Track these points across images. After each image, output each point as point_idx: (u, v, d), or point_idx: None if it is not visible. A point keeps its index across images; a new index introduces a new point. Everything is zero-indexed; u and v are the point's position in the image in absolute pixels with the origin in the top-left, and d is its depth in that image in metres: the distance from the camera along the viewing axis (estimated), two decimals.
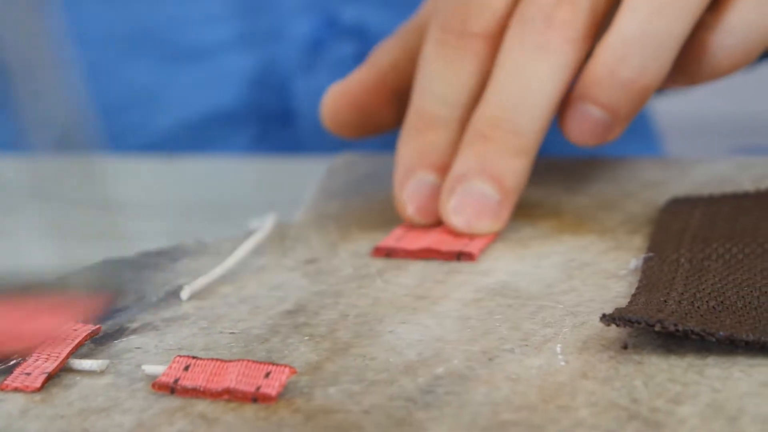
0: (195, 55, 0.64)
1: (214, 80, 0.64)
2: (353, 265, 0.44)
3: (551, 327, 0.39)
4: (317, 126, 0.65)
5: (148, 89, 0.64)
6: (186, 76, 0.64)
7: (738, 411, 0.33)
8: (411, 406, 0.34)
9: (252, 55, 0.64)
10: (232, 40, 0.64)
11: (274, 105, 0.64)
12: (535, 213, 0.48)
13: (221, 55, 0.64)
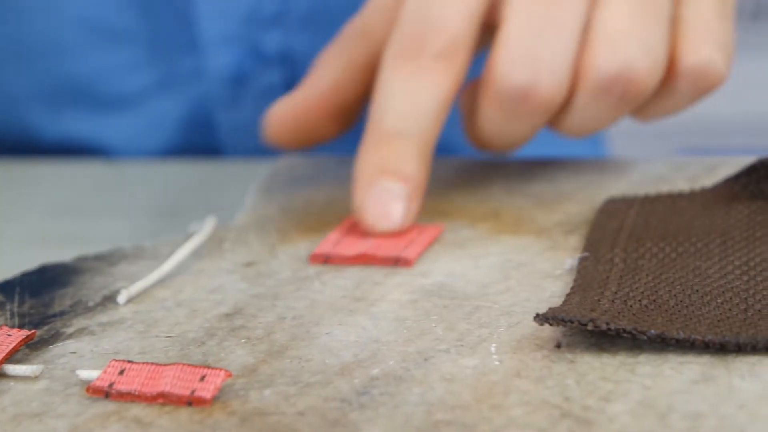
0: (121, 104, 0.63)
1: (144, 127, 0.64)
2: (291, 268, 0.44)
3: (486, 327, 0.39)
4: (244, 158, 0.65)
5: (79, 141, 0.64)
6: (115, 126, 0.64)
7: (668, 408, 0.34)
8: (346, 407, 0.35)
9: (177, 97, 0.63)
10: (156, 85, 0.63)
11: (202, 143, 0.64)
12: (474, 214, 0.49)
13: (148, 102, 0.63)
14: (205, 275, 0.44)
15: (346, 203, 0.51)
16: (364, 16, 0.51)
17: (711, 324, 0.37)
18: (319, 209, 0.50)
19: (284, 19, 0.63)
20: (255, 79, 0.63)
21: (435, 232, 0.46)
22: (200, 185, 0.56)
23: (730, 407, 0.34)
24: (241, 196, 0.52)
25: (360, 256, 0.43)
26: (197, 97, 0.64)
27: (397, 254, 0.43)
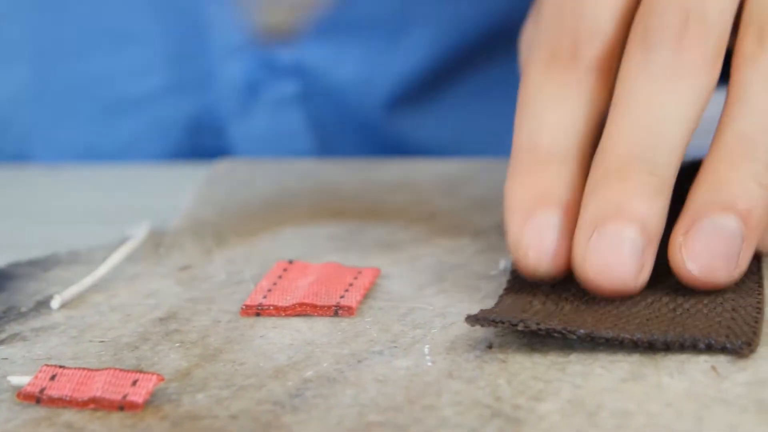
0: (129, 108, 0.63)
1: (151, 131, 0.63)
2: (227, 272, 0.44)
3: (420, 328, 0.39)
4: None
5: (86, 145, 0.63)
6: (122, 129, 0.63)
7: (597, 406, 0.34)
8: (278, 410, 0.35)
9: (186, 102, 0.63)
10: (165, 90, 0.62)
11: (211, 150, 0.63)
12: (410, 216, 0.49)
13: (156, 105, 0.63)
14: (140, 280, 0.44)
15: (284, 206, 0.51)
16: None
17: (640, 323, 0.37)
18: (256, 212, 0.50)
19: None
20: (267, 89, 0.62)
21: (372, 275, 0.43)
22: (138, 189, 0.56)
23: (657, 405, 0.34)
24: (179, 200, 0.52)
25: (296, 306, 0.41)
26: (207, 104, 0.63)
27: (336, 302, 0.41)
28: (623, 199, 0.38)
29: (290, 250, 0.46)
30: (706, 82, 0.39)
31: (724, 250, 0.38)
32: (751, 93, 0.39)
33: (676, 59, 0.39)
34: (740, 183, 0.38)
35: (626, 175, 0.38)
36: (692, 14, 0.39)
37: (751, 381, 0.35)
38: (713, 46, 0.40)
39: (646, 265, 0.38)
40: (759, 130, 0.39)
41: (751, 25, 0.40)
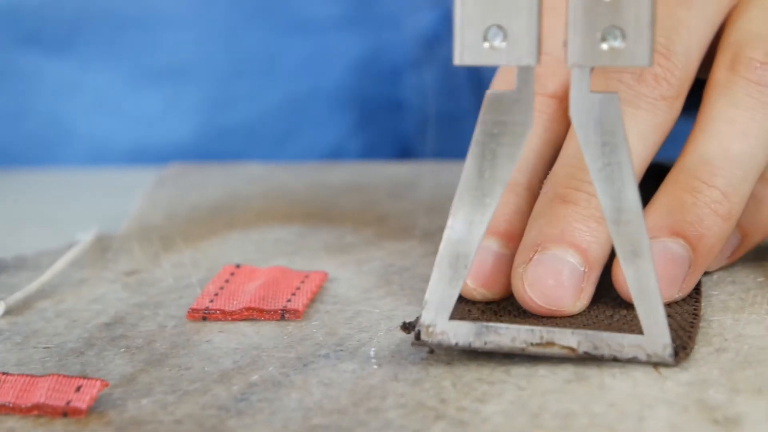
0: (306, 30, 0.61)
1: (322, 57, 0.62)
2: (174, 276, 0.44)
3: (367, 331, 0.39)
4: (423, 119, 0.62)
5: (260, 59, 0.62)
6: (296, 50, 0.61)
7: (540, 407, 0.34)
8: (223, 415, 0.35)
9: (363, 38, 0.61)
10: (345, 20, 0.61)
11: (380, 93, 0.62)
12: (359, 219, 0.49)
13: (331, 34, 0.61)
14: (86, 285, 0.43)
15: (233, 210, 0.51)
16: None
17: (575, 324, 0.37)
18: (205, 217, 0.50)
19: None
20: (445, 43, 0.61)
21: (319, 279, 0.43)
22: (87, 194, 0.56)
23: (600, 405, 0.34)
24: (129, 204, 0.52)
25: (243, 311, 0.41)
26: (384, 46, 0.61)
27: (283, 306, 0.41)
28: (566, 223, 0.38)
29: (238, 254, 0.46)
30: (662, 118, 0.39)
31: (669, 272, 0.38)
32: (719, 119, 0.40)
33: (634, 92, 0.39)
34: (696, 209, 0.39)
35: (571, 200, 0.38)
36: (659, 49, 0.40)
37: (693, 381, 0.35)
38: (675, 83, 0.40)
39: (585, 290, 0.38)
40: (722, 157, 0.39)
41: (725, 51, 0.41)
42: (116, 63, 0.61)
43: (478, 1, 0.34)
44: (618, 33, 0.34)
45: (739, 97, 0.39)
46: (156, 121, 0.61)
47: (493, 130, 0.36)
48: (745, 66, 0.40)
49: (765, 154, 0.40)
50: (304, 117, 0.62)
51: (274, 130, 0.62)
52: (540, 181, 0.40)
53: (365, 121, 0.62)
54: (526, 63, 0.35)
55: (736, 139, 0.39)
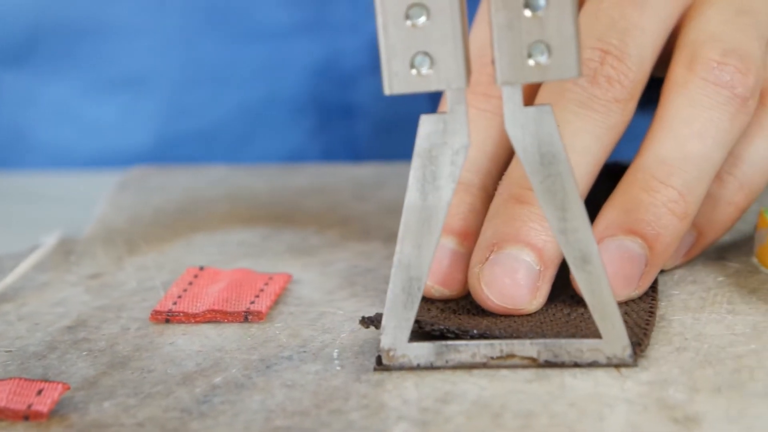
0: (262, 36, 0.61)
1: (278, 63, 0.61)
2: (138, 279, 0.44)
3: (330, 333, 0.39)
4: (377, 125, 0.62)
5: (216, 66, 0.61)
6: (252, 57, 0.61)
7: (501, 407, 0.35)
8: (186, 417, 0.35)
9: (319, 44, 0.61)
10: (301, 26, 0.61)
11: (337, 98, 0.62)
12: (323, 221, 0.49)
13: (288, 40, 0.61)
14: (49, 288, 0.43)
15: (197, 213, 0.51)
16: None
17: (534, 326, 0.38)
18: (169, 219, 0.50)
19: None
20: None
21: (283, 281, 0.43)
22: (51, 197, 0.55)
23: (561, 405, 0.34)
24: (93, 208, 0.52)
25: (206, 313, 0.41)
26: (340, 51, 0.61)
27: (246, 308, 0.41)
28: (522, 223, 0.38)
29: (202, 257, 0.46)
30: (616, 120, 0.40)
31: (625, 270, 0.38)
32: (676, 119, 0.40)
33: (588, 94, 0.39)
34: (653, 208, 0.39)
35: (526, 200, 0.39)
36: (612, 51, 0.40)
37: (653, 380, 0.35)
38: (628, 85, 0.40)
39: (541, 289, 0.38)
40: (679, 157, 0.39)
41: (682, 52, 0.41)
42: (73, 73, 0.61)
43: (401, 31, 0.35)
44: (543, 48, 0.34)
45: (696, 97, 0.40)
46: (114, 130, 0.61)
47: (432, 152, 0.36)
48: (703, 66, 0.40)
49: (721, 155, 0.40)
50: (262, 123, 0.62)
51: (231, 137, 0.62)
52: (494, 182, 0.40)
53: (322, 126, 0.62)
54: (456, 86, 0.35)
55: (693, 140, 0.39)
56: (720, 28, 0.41)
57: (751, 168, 0.42)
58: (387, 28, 0.35)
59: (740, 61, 0.40)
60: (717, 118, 0.40)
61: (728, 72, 0.40)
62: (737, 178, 0.42)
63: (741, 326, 0.38)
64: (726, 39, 0.40)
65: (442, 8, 0.34)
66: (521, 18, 0.34)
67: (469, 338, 0.37)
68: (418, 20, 0.35)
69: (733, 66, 0.40)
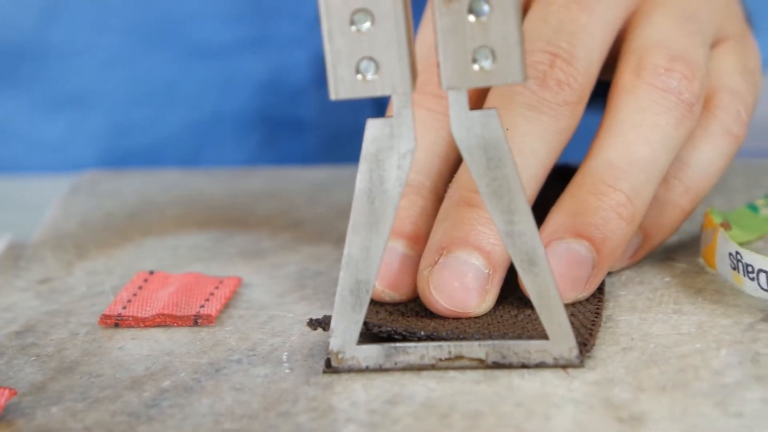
0: (206, 54, 0.61)
1: (223, 80, 0.61)
2: (87, 284, 0.44)
3: (280, 336, 0.40)
4: (326, 138, 0.62)
5: (160, 84, 0.61)
6: (197, 74, 0.61)
7: (449, 408, 0.35)
8: (133, 421, 0.35)
9: (264, 59, 0.61)
10: (246, 42, 0.61)
11: (284, 113, 0.62)
12: (276, 224, 0.49)
13: (233, 56, 0.61)
14: None
15: (149, 217, 0.51)
16: None
17: (481, 327, 0.38)
18: (120, 224, 0.50)
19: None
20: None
21: (233, 284, 0.43)
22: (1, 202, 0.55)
23: (508, 405, 0.35)
24: (44, 213, 0.51)
25: (156, 317, 0.41)
26: (287, 66, 0.61)
27: (196, 311, 0.41)
28: (471, 227, 0.38)
29: (153, 261, 0.46)
30: (565, 123, 0.40)
31: (572, 273, 0.39)
32: (624, 123, 0.40)
33: (538, 97, 0.40)
34: (601, 212, 0.39)
35: (475, 203, 0.39)
36: (561, 54, 0.40)
37: (599, 380, 0.36)
38: (577, 88, 0.40)
39: (490, 292, 0.39)
40: (627, 161, 0.40)
41: (629, 57, 0.41)
42: (18, 93, 0.61)
43: (346, 37, 0.35)
44: (488, 53, 0.35)
45: (644, 103, 0.40)
46: (60, 148, 0.61)
47: (378, 156, 0.36)
48: (650, 72, 0.40)
49: (667, 159, 0.40)
50: (209, 140, 0.62)
51: (178, 155, 0.62)
52: (445, 184, 0.40)
53: (270, 141, 0.62)
54: (401, 91, 0.35)
55: (640, 144, 0.40)
56: (666, 35, 0.41)
57: (696, 172, 0.42)
58: (332, 34, 0.35)
59: (686, 68, 0.40)
60: (664, 123, 0.40)
61: (675, 78, 0.40)
62: (683, 182, 0.42)
63: (687, 326, 0.39)
64: (672, 45, 0.41)
65: (386, 14, 0.35)
66: (465, 23, 0.34)
67: (417, 340, 0.37)
68: (362, 26, 0.35)
69: (679, 72, 0.40)
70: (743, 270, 0.40)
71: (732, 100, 0.43)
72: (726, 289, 0.41)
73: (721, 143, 0.42)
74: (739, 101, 0.43)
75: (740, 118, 0.43)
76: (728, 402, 0.34)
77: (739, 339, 0.38)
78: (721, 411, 0.34)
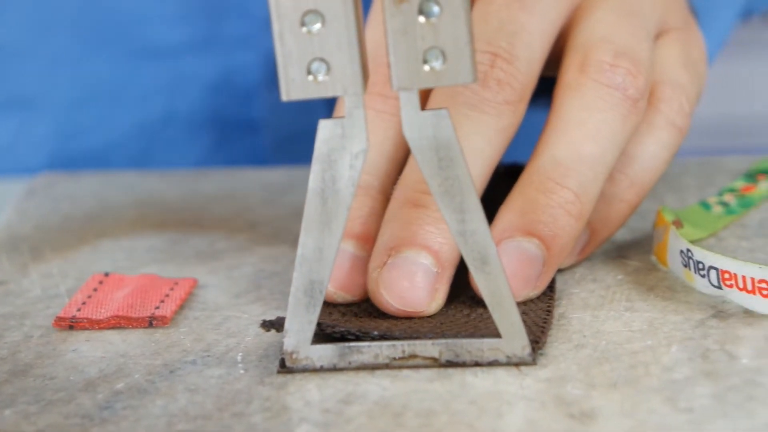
0: (156, 55, 0.60)
1: (174, 81, 0.61)
2: (42, 286, 0.44)
3: (234, 337, 0.40)
4: (277, 139, 0.62)
5: (109, 86, 0.61)
6: (146, 76, 0.61)
7: (403, 407, 0.35)
8: (87, 423, 0.35)
9: (215, 60, 0.61)
10: (196, 43, 0.60)
11: (235, 114, 0.61)
12: (232, 226, 0.49)
13: (183, 57, 0.61)
14: None
15: (105, 219, 0.50)
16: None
17: (434, 327, 0.38)
18: (76, 226, 0.50)
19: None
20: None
21: (189, 286, 0.43)
22: None
23: (461, 404, 0.35)
24: None
25: (111, 319, 0.40)
26: (237, 67, 0.61)
27: (151, 313, 0.41)
28: (418, 227, 0.39)
29: (109, 263, 0.46)
30: (507, 122, 0.40)
31: (523, 271, 0.39)
32: (570, 121, 0.40)
33: (479, 97, 0.40)
34: (549, 209, 0.39)
35: (422, 204, 0.39)
36: (501, 54, 0.40)
37: (551, 377, 0.36)
38: (518, 87, 0.40)
39: (439, 291, 0.39)
40: (574, 159, 0.40)
41: (574, 54, 0.41)
42: None
43: (297, 38, 0.35)
44: (438, 53, 0.35)
45: (589, 100, 0.40)
46: (7, 151, 0.61)
47: (331, 157, 0.36)
48: (595, 68, 0.41)
49: (614, 155, 0.41)
50: (160, 141, 0.62)
51: (128, 156, 0.61)
52: (393, 184, 0.41)
53: (222, 143, 0.62)
54: (353, 92, 0.35)
55: (587, 141, 0.40)
56: (610, 30, 0.42)
57: (641, 167, 0.43)
58: (283, 36, 0.35)
59: (631, 63, 0.41)
60: (610, 120, 0.40)
61: (620, 74, 0.41)
62: (628, 177, 0.42)
63: (638, 323, 0.39)
64: (616, 41, 0.41)
65: (336, 15, 0.35)
66: (416, 24, 0.35)
67: (371, 340, 0.37)
68: (313, 27, 0.35)
69: (624, 68, 0.41)
70: (694, 267, 0.40)
71: (675, 93, 0.43)
72: (677, 286, 0.41)
73: (665, 136, 0.43)
74: (682, 93, 0.43)
75: (683, 110, 0.43)
76: (678, 398, 0.35)
77: (689, 335, 0.38)
78: (671, 406, 0.34)
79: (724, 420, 0.33)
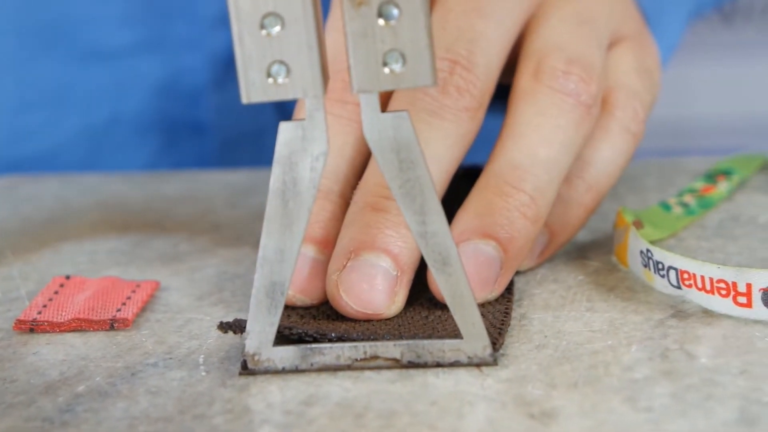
0: (101, 57, 0.60)
1: (120, 84, 0.61)
2: (2, 289, 0.44)
3: (197, 339, 0.40)
4: (224, 141, 0.61)
5: (53, 89, 0.60)
6: (92, 78, 0.60)
7: (364, 408, 0.35)
8: (47, 426, 0.35)
9: (161, 62, 0.61)
10: (141, 45, 0.60)
11: (182, 115, 0.61)
12: (194, 228, 0.49)
13: (128, 59, 0.60)
14: None
15: (67, 222, 0.50)
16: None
17: (392, 328, 0.38)
18: (37, 229, 0.49)
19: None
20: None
21: (150, 288, 0.43)
22: None
23: (422, 404, 0.35)
24: None
25: (72, 322, 0.40)
26: (183, 69, 0.61)
27: (112, 315, 0.41)
28: (377, 230, 0.39)
29: (70, 266, 0.46)
30: (466, 128, 0.40)
31: (481, 273, 0.39)
32: (526, 126, 0.41)
33: (439, 104, 0.40)
34: (505, 212, 0.40)
35: (381, 208, 0.39)
36: (461, 61, 0.40)
37: (512, 377, 0.36)
38: (477, 94, 0.40)
39: (399, 293, 0.39)
40: (530, 162, 0.40)
41: (528, 61, 0.42)
42: None
43: (256, 40, 0.35)
44: (398, 56, 0.35)
45: (544, 105, 0.41)
46: None
47: (291, 159, 0.36)
48: (549, 75, 0.41)
49: (568, 159, 0.41)
50: (106, 144, 0.61)
51: (74, 160, 0.61)
52: (352, 189, 0.41)
53: (169, 144, 0.62)
54: (313, 94, 0.35)
55: (542, 145, 0.40)
56: (563, 38, 0.42)
57: (597, 170, 0.43)
58: (242, 38, 0.35)
59: (583, 70, 0.41)
60: (564, 125, 0.41)
61: (573, 81, 0.41)
62: (585, 181, 0.43)
63: (599, 323, 0.39)
64: (569, 48, 0.42)
65: (296, 18, 0.35)
66: (375, 27, 0.35)
67: (328, 341, 0.37)
68: (272, 30, 0.35)
69: (577, 75, 0.41)
70: (654, 267, 0.41)
71: (628, 99, 0.43)
72: (638, 287, 0.42)
73: (620, 142, 0.43)
74: (636, 100, 0.44)
75: (637, 116, 0.44)
76: (637, 397, 0.35)
77: (649, 335, 0.38)
78: (631, 406, 0.34)
79: (683, 419, 0.34)
